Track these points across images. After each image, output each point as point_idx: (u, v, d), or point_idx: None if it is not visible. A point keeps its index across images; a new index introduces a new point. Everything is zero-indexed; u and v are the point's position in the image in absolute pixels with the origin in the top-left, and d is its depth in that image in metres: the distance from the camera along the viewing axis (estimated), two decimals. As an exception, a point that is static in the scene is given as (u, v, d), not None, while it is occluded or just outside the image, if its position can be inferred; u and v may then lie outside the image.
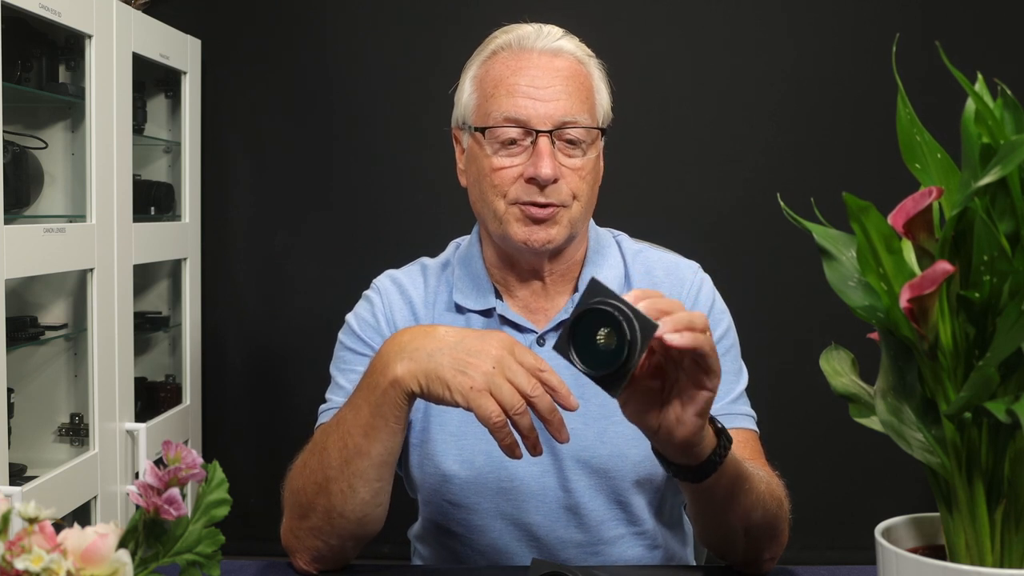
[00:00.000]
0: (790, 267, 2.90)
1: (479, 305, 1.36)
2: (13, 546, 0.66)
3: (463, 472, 1.31)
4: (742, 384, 1.35)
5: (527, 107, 1.28)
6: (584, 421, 1.30)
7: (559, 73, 1.30)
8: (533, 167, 1.27)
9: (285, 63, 3.02)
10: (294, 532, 1.21)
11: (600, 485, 1.31)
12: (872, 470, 2.90)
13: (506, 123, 1.28)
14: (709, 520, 1.17)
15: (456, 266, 1.40)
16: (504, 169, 1.29)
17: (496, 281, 1.38)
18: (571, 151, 1.29)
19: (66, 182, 2.37)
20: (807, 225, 0.79)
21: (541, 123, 1.28)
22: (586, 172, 1.30)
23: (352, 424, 1.14)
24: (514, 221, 1.29)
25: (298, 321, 3.05)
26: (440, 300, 1.39)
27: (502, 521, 1.31)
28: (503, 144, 1.29)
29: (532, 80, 1.29)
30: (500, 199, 1.29)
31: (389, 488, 1.19)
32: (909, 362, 0.75)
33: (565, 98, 1.29)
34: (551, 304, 1.37)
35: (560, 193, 1.28)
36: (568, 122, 1.28)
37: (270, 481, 3.30)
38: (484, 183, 1.31)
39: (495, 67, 1.32)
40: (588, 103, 1.32)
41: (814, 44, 2.95)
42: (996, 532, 0.72)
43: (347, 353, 1.37)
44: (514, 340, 1.07)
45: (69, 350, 2.43)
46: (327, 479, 1.15)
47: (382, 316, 1.37)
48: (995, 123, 0.71)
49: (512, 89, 1.29)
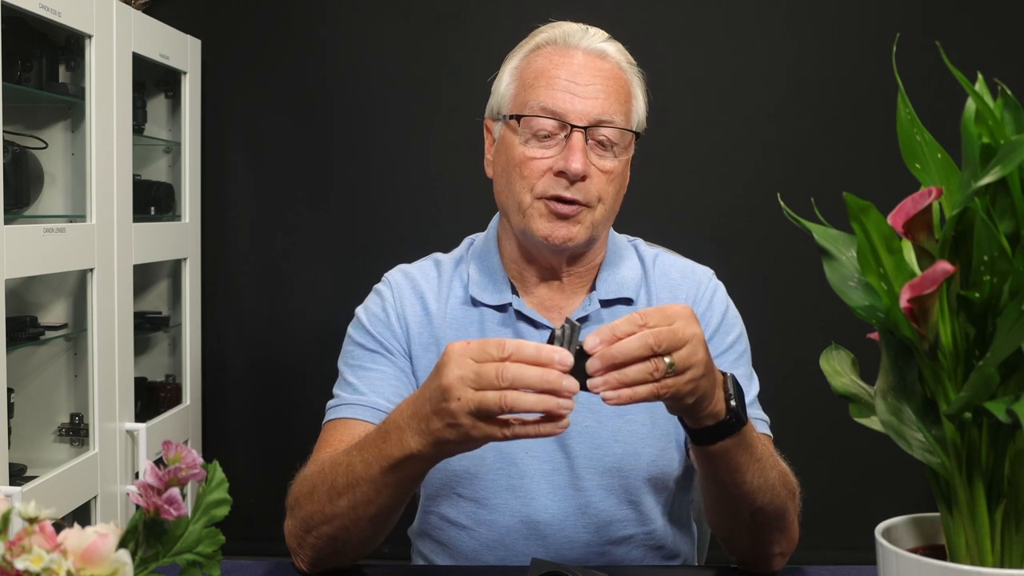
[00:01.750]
0: (790, 267, 2.89)
1: (495, 300, 1.36)
2: (13, 546, 0.66)
3: (472, 467, 1.31)
4: (754, 390, 1.35)
5: (565, 100, 1.28)
6: (598, 419, 1.30)
7: (600, 73, 1.31)
8: (564, 160, 1.27)
9: (285, 63, 3.02)
10: (297, 538, 1.21)
11: (612, 484, 1.31)
12: (872, 470, 2.90)
13: (542, 113, 1.28)
14: (715, 494, 1.18)
15: (471, 261, 1.40)
16: (535, 160, 1.29)
17: (513, 277, 1.38)
18: (603, 152, 1.29)
19: (66, 182, 2.37)
20: (807, 225, 0.79)
21: (577, 118, 1.28)
22: (615, 176, 1.30)
23: (363, 477, 1.11)
24: (537, 216, 1.29)
25: (298, 321, 3.05)
26: (453, 295, 1.38)
27: (511, 517, 1.31)
28: (536, 135, 1.29)
29: (573, 76, 1.30)
30: (527, 192, 1.29)
31: (398, 518, 1.18)
32: (909, 362, 0.75)
33: (604, 97, 1.29)
34: (567, 303, 1.37)
35: (587, 192, 1.28)
36: (604, 121, 1.28)
37: (270, 481, 3.29)
38: (512, 173, 1.31)
39: (538, 60, 1.33)
40: (625, 106, 1.32)
41: (814, 44, 2.95)
42: (996, 532, 0.72)
43: (356, 348, 1.36)
44: (465, 343, 0.99)
45: (69, 350, 2.43)
46: (334, 515, 1.15)
47: (392, 310, 1.37)
48: (995, 123, 0.71)
49: (552, 82, 1.29)
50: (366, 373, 1.33)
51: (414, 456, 1.05)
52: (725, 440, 1.09)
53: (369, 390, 1.31)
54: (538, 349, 0.97)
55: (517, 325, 1.35)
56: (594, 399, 1.01)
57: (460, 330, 1.35)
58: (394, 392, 1.30)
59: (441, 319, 1.36)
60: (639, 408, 1.32)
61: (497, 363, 0.97)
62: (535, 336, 1.33)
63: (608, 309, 1.36)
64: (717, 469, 1.12)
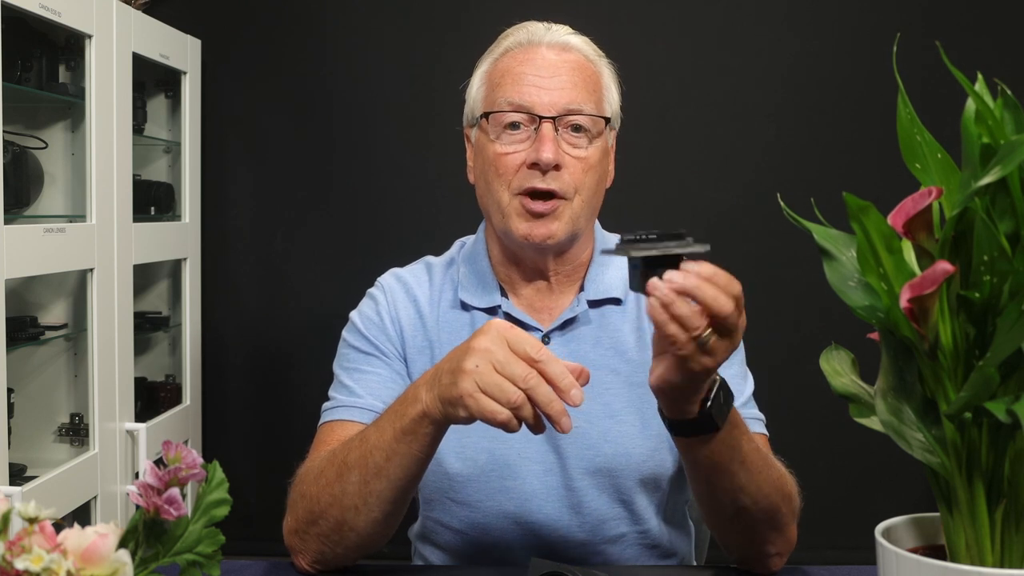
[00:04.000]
0: (790, 267, 2.89)
1: (484, 303, 1.36)
2: (13, 546, 0.66)
3: (466, 470, 1.31)
4: (748, 388, 1.35)
5: (532, 94, 1.28)
6: (588, 419, 1.30)
7: (565, 65, 1.31)
8: (535, 151, 1.27)
9: (285, 63, 3.02)
10: (299, 534, 1.20)
11: (604, 484, 1.31)
12: (872, 470, 2.90)
13: (510, 108, 1.29)
14: (697, 489, 1.18)
15: (461, 264, 1.40)
16: (508, 156, 1.29)
17: (501, 279, 1.38)
18: (575, 139, 1.29)
19: (66, 182, 2.37)
20: (807, 225, 0.79)
21: (545, 110, 1.28)
22: (590, 164, 1.30)
23: (376, 444, 1.12)
24: (515, 215, 1.29)
25: (298, 321, 3.05)
26: (445, 298, 1.38)
27: (505, 519, 1.31)
28: (506, 129, 1.29)
29: (538, 70, 1.30)
30: (504, 189, 1.29)
31: (403, 512, 1.18)
32: (909, 362, 0.75)
33: (571, 87, 1.29)
34: (556, 303, 1.37)
35: (561, 181, 1.28)
36: (573, 110, 1.28)
37: (270, 481, 3.30)
38: (489, 172, 1.31)
39: (504, 61, 1.34)
40: (595, 95, 1.32)
41: (814, 44, 2.95)
42: (996, 532, 0.72)
43: (351, 351, 1.36)
44: (509, 326, 1.03)
45: (69, 350, 2.43)
46: (343, 493, 1.14)
47: (387, 314, 1.37)
48: (995, 123, 0.71)
49: (518, 78, 1.30)
50: (361, 376, 1.33)
51: (425, 415, 1.07)
52: (698, 436, 1.08)
53: (365, 392, 1.31)
54: (562, 375, 0.99)
55: None
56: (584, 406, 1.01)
57: (453, 333, 1.35)
58: (390, 394, 1.29)
59: (434, 322, 1.36)
60: (630, 409, 1.32)
61: (526, 364, 0.99)
62: None
63: (596, 310, 1.36)
64: (696, 463, 1.12)
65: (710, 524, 1.24)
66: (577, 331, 1.35)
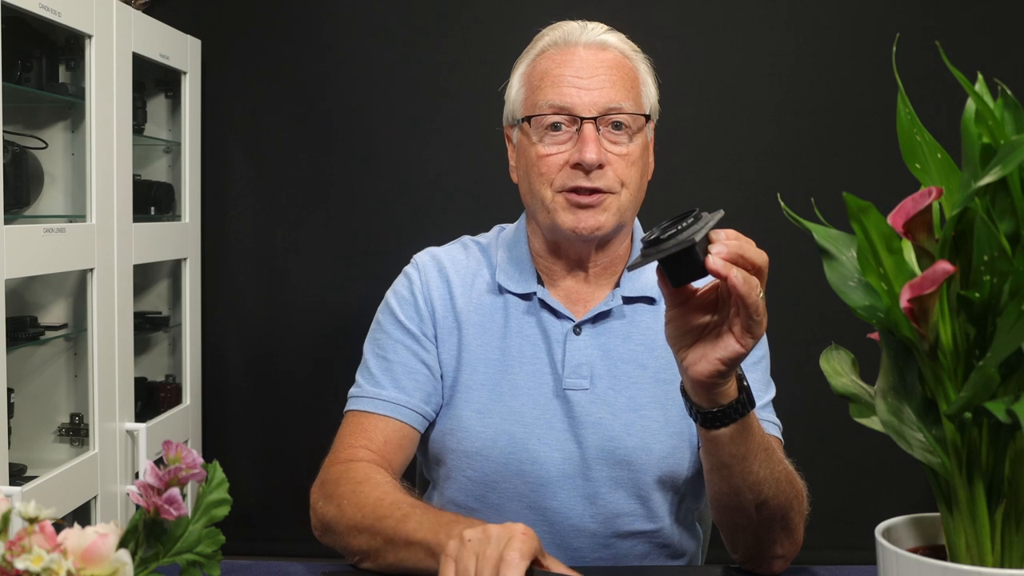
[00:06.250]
0: (790, 267, 2.89)
1: (520, 288, 1.38)
2: (13, 546, 0.66)
3: (485, 449, 1.33)
4: (770, 395, 1.37)
5: (572, 95, 1.30)
6: (612, 412, 1.31)
7: (603, 64, 1.33)
8: (578, 153, 1.29)
9: (285, 63, 3.01)
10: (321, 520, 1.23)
11: (622, 478, 1.32)
12: (872, 470, 2.89)
13: (551, 110, 1.31)
14: (722, 487, 1.17)
15: (500, 248, 1.42)
16: (550, 156, 1.31)
17: (540, 269, 1.40)
18: (617, 137, 1.31)
19: (66, 182, 2.37)
20: (807, 225, 0.79)
21: (586, 110, 1.30)
22: (633, 159, 1.32)
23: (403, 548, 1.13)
24: (561, 210, 1.31)
25: (298, 321, 3.05)
26: (480, 280, 1.40)
27: (519, 503, 1.32)
28: (548, 131, 1.31)
29: (577, 71, 1.32)
30: (547, 187, 1.32)
31: None
32: (909, 362, 0.75)
33: (609, 86, 1.31)
34: (591, 296, 1.39)
35: (606, 179, 1.30)
36: (613, 109, 1.31)
37: (270, 481, 3.29)
38: (532, 172, 1.33)
39: (542, 62, 1.35)
40: (633, 92, 1.34)
41: (814, 44, 2.94)
42: (996, 532, 0.72)
43: (382, 336, 1.38)
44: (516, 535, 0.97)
45: (69, 350, 2.43)
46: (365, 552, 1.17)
47: (419, 293, 1.39)
48: (995, 123, 0.71)
49: (557, 80, 1.32)
50: (389, 364, 1.35)
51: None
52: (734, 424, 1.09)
53: (390, 384, 1.34)
54: None
55: (540, 314, 1.37)
56: (607, 394, 1.00)
57: (484, 315, 1.37)
58: (414, 385, 1.34)
59: (465, 304, 1.38)
60: (654, 404, 1.33)
61: None
62: (557, 325, 1.35)
63: (630, 306, 1.38)
64: (724, 456, 1.12)
65: (725, 523, 1.23)
66: (608, 324, 1.37)
